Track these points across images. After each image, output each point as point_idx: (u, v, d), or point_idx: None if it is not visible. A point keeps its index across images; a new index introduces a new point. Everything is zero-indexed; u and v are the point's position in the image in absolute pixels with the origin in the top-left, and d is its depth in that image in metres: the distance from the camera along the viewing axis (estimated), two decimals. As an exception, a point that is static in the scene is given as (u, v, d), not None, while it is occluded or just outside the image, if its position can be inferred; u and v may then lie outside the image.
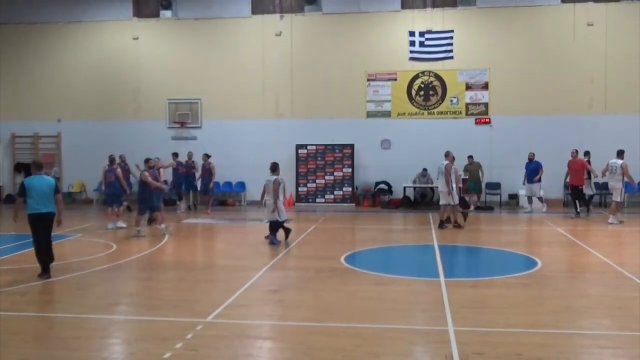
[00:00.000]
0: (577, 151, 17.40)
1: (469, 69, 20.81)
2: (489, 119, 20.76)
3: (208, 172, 18.93)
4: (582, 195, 17.16)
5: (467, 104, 20.90)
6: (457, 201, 15.00)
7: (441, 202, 15.13)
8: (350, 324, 6.95)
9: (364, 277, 9.60)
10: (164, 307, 7.76)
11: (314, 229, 15.15)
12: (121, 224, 15.36)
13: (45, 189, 9.36)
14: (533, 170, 18.33)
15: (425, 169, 20.07)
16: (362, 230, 15.98)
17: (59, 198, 9.62)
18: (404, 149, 20.73)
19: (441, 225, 14.77)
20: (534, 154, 18.46)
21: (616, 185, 15.89)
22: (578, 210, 17.00)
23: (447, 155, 15.04)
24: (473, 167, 19.64)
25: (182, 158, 19.91)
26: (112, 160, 15.72)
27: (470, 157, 19.65)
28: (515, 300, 8.07)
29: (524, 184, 18.80)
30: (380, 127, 21.19)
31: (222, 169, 20.23)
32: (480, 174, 19.66)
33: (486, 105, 20.82)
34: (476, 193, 19.67)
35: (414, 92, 21.13)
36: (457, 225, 14.87)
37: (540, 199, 18.60)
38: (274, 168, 13.00)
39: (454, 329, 6.62)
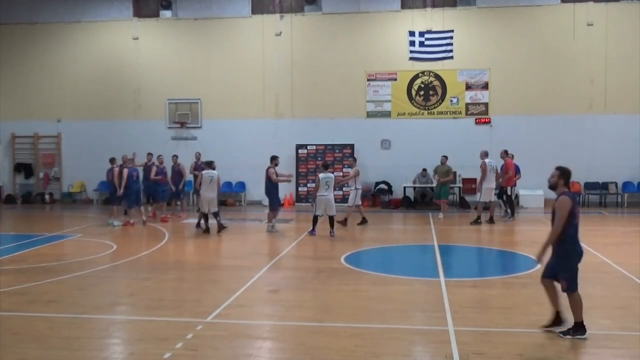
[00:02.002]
0: (506, 152, 16.87)
1: (469, 69, 20.81)
2: (489, 119, 20.76)
3: (178, 174, 18.18)
4: (508, 197, 16.88)
5: (467, 104, 20.90)
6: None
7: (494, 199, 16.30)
8: (350, 324, 6.95)
9: (364, 277, 9.60)
10: (164, 307, 7.77)
11: (314, 229, 15.16)
12: (117, 222, 15.85)
13: None
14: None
15: (425, 169, 20.06)
16: (362, 230, 15.97)
17: None
18: (404, 149, 20.73)
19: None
20: (512, 156, 17.21)
21: None
22: (507, 210, 16.90)
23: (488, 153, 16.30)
24: (444, 169, 17.45)
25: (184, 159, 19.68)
26: (112, 160, 16.30)
27: (444, 157, 17.59)
28: (515, 300, 8.07)
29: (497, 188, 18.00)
30: (380, 127, 21.18)
31: (222, 169, 20.09)
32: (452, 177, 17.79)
33: (486, 105, 20.82)
34: (447, 200, 17.69)
35: (414, 92, 21.13)
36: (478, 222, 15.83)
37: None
38: (327, 166, 14.48)
39: (454, 329, 6.62)
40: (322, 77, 21.40)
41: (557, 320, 6.56)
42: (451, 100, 20.96)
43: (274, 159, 14.61)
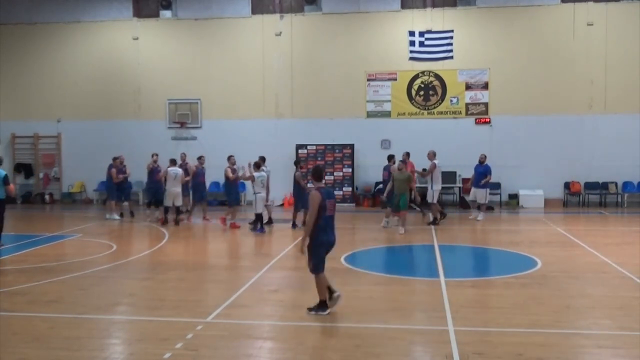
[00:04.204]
0: (408, 154, 16.70)
1: (469, 69, 20.80)
2: (489, 119, 20.76)
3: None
4: (411, 199, 16.21)
5: (467, 104, 20.89)
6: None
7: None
8: (350, 324, 6.95)
9: (364, 277, 9.60)
10: (164, 307, 7.77)
11: (314, 229, 15.13)
12: (115, 216, 17.14)
13: None
14: (481, 174, 16.72)
15: (424, 169, 20.00)
16: (362, 230, 15.97)
17: (9, 189, 11.93)
18: (404, 149, 20.55)
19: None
20: (485, 156, 17.03)
21: None
22: (420, 211, 16.69)
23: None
24: (402, 177, 14.63)
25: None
26: (115, 159, 17.73)
27: (402, 161, 15.53)
28: (515, 300, 8.07)
29: (471, 188, 17.26)
30: (380, 127, 21.18)
31: (221, 170, 20.18)
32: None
33: (486, 105, 20.81)
34: (406, 211, 14.80)
35: (414, 92, 21.13)
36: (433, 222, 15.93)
37: (480, 206, 16.86)
38: (259, 165, 15.01)
39: (454, 329, 6.62)
40: (322, 77, 21.39)
41: (330, 295, 7.26)
42: (451, 100, 20.96)
43: (393, 162, 16.01)
